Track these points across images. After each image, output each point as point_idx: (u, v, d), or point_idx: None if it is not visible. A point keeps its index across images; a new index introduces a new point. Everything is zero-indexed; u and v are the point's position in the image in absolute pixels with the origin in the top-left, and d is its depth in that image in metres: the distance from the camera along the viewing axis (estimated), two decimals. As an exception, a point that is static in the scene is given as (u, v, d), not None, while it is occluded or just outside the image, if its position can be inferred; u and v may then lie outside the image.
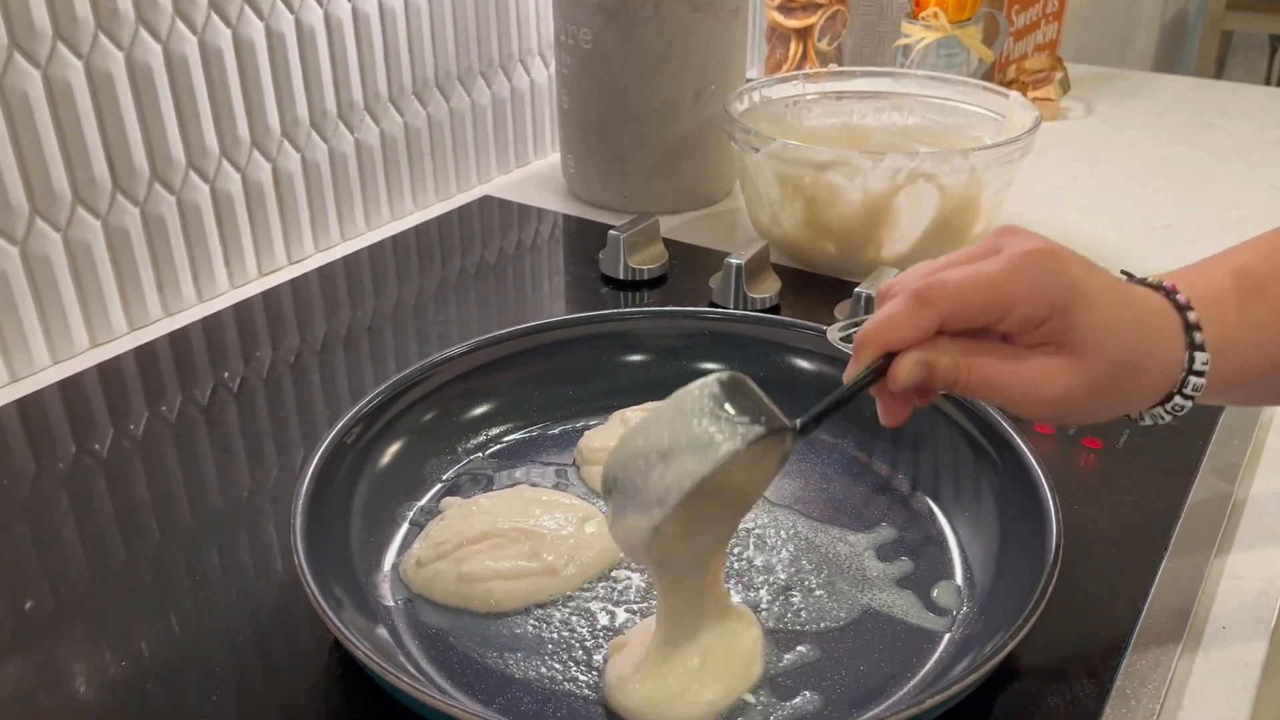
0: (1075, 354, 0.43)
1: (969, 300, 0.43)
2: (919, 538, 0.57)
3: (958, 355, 0.44)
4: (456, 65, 1.00)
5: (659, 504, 0.42)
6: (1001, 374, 0.44)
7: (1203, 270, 0.49)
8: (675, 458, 0.42)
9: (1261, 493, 0.62)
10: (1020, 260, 0.43)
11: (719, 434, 0.42)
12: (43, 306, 0.74)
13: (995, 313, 0.43)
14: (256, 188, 0.86)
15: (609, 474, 0.44)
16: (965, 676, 0.44)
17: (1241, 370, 0.47)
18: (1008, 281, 0.43)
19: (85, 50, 0.72)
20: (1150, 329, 0.45)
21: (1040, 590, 0.47)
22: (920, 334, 0.43)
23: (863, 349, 0.45)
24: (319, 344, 0.79)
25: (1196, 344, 0.45)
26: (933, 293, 0.43)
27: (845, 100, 0.98)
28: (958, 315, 0.43)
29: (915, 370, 0.43)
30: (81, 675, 0.50)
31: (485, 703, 0.48)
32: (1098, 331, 0.43)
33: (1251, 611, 0.54)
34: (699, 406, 0.42)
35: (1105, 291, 0.44)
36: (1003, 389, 0.44)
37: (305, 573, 0.48)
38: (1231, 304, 0.47)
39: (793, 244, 0.87)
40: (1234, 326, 0.46)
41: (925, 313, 0.43)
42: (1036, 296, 0.43)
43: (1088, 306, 0.43)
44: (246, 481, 0.64)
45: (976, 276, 0.43)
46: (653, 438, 0.43)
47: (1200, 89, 1.38)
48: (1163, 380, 0.46)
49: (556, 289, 0.89)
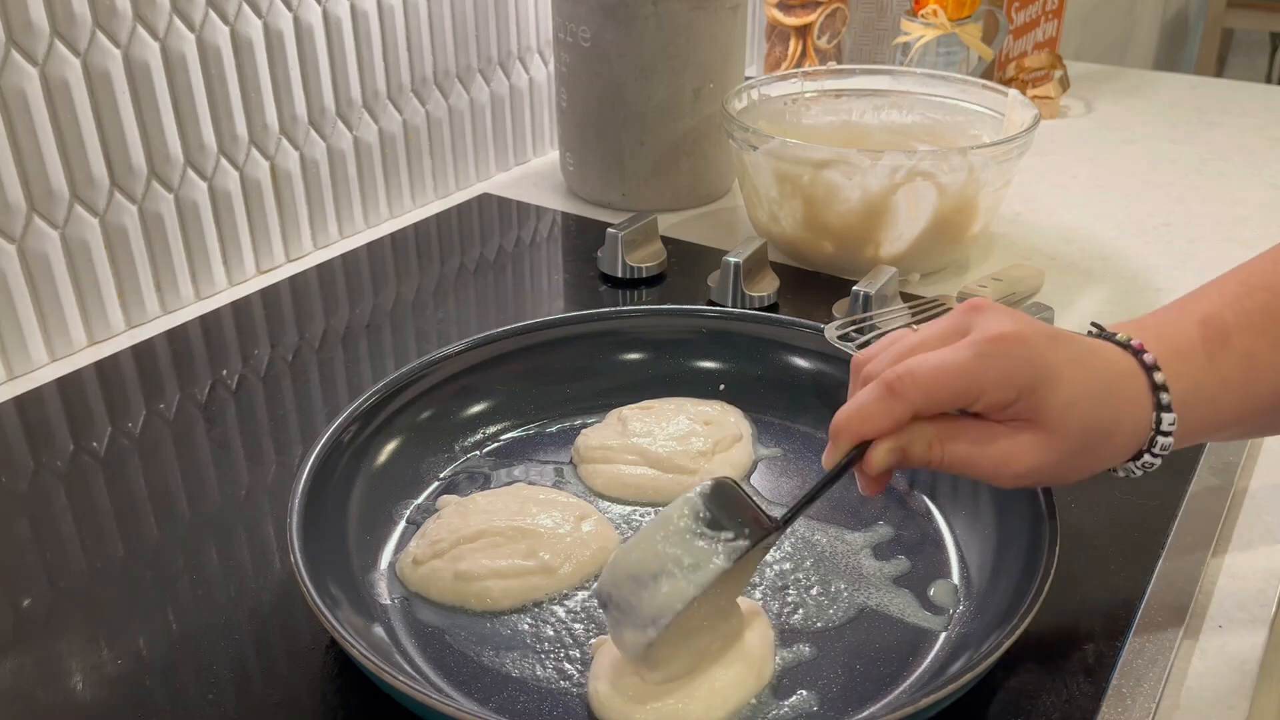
0: (1044, 430, 0.45)
1: (939, 391, 0.45)
2: (916, 536, 0.57)
3: (931, 439, 0.46)
4: (455, 63, 0.99)
5: (653, 623, 0.44)
6: (972, 455, 0.46)
7: (1170, 320, 0.49)
8: (665, 579, 0.45)
9: (1259, 491, 0.62)
10: (986, 348, 0.45)
11: (705, 553, 0.45)
12: (41, 304, 0.74)
13: (964, 400, 0.45)
14: (255, 186, 0.86)
15: (603, 591, 0.47)
16: (961, 675, 0.44)
17: (1208, 422, 0.48)
18: (974, 371, 0.45)
19: (83, 48, 0.72)
20: (1118, 397, 0.46)
21: (1036, 589, 0.47)
22: (893, 424, 0.46)
23: (839, 437, 0.47)
24: (317, 342, 0.79)
25: (1163, 404, 0.47)
26: (904, 386, 0.45)
27: (844, 98, 0.97)
28: (929, 405, 0.45)
29: (889, 457, 0.46)
30: (80, 672, 0.50)
31: (481, 701, 0.48)
32: (1065, 409, 0.45)
33: (1249, 609, 0.54)
34: (685, 525, 0.45)
35: (1072, 367, 0.45)
36: (974, 466, 0.46)
37: (301, 571, 0.48)
38: (1199, 358, 0.48)
39: (791, 242, 0.87)
40: (1202, 382, 0.47)
41: (897, 405, 0.45)
42: (1003, 383, 0.44)
43: (1054, 387, 0.45)
44: (244, 479, 0.64)
45: (944, 367, 0.45)
46: (644, 558, 0.45)
47: (1200, 87, 1.38)
48: (1132, 440, 0.47)
49: (555, 287, 0.89)
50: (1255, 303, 0.49)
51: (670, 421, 0.63)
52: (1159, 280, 0.87)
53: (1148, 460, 0.48)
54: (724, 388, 0.68)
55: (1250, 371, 0.48)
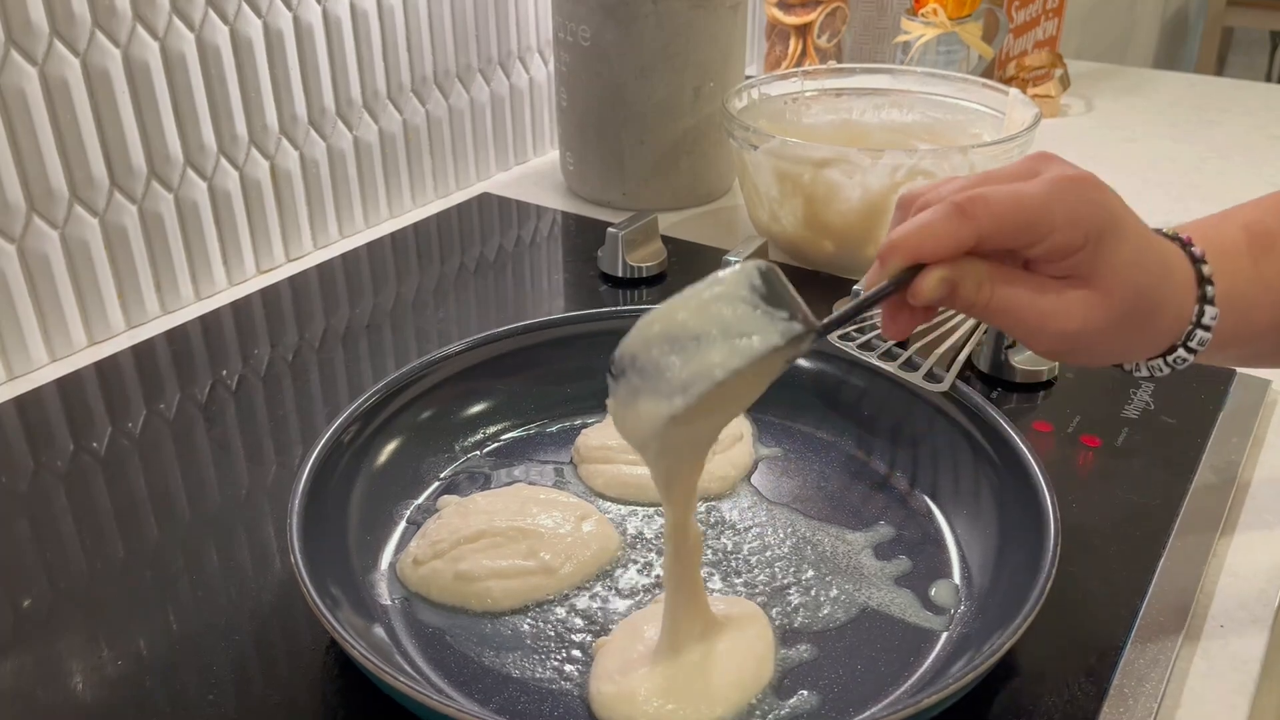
0: (1098, 289, 0.43)
1: (1009, 220, 0.42)
2: (917, 536, 0.57)
3: (983, 278, 0.42)
4: (455, 63, 0.99)
5: (681, 392, 0.39)
6: (1022, 301, 0.43)
7: (1215, 224, 0.48)
8: (706, 345, 0.39)
9: (1260, 490, 0.62)
10: (1064, 184, 0.42)
11: (757, 326, 0.39)
12: (40, 304, 0.74)
13: (1033, 235, 0.42)
14: (255, 185, 0.85)
15: (626, 352, 0.40)
16: (963, 675, 0.44)
17: (1245, 326, 0.47)
18: (1050, 205, 0.42)
19: (82, 48, 0.72)
20: (1169, 275, 0.45)
21: (1038, 589, 0.47)
22: (956, 248, 0.42)
23: (892, 255, 0.43)
24: (318, 342, 0.79)
25: (1208, 298, 0.45)
26: (975, 207, 0.41)
27: (844, 97, 0.97)
28: (996, 234, 0.42)
29: (940, 287, 0.42)
30: (80, 672, 0.50)
31: (482, 702, 0.48)
32: (1123, 269, 0.43)
33: (1250, 609, 0.54)
34: (735, 294, 0.39)
35: (1135, 228, 0.44)
36: (1020, 316, 0.43)
37: (302, 572, 0.48)
38: (1243, 259, 0.46)
39: (792, 241, 0.87)
40: (1243, 282, 0.46)
41: (965, 227, 0.42)
42: (1074, 222, 0.42)
43: (1120, 241, 0.43)
44: (245, 479, 0.64)
45: (1019, 197, 0.42)
46: (682, 321, 0.39)
47: (1200, 86, 1.38)
48: (1173, 328, 0.46)
49: (555, 287, 0.89)
50: None
51: (671, 421, 0.63)
52: (1160, 279, 0.87)
53: (1180, 355, 0.46)
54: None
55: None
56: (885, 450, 0.63)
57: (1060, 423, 0.66)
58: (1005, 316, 0.43)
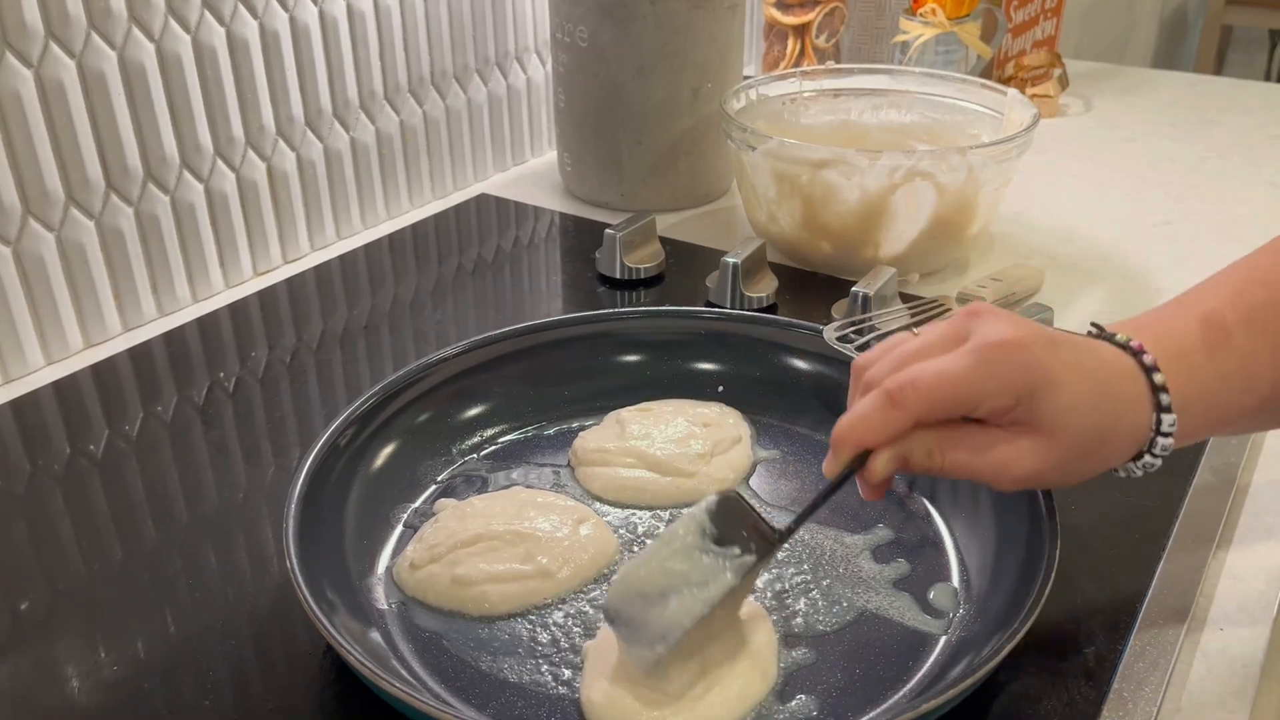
0: (1043, 435, 0.45)
1: (939, 400, 0.45)
2: (916, 539, 0.57)
3: (931, 446, 0.46)
4: (453, 63, 0.99)
5: (662, 640, 0.45)
6: (973, 461, 0.46)
7: (1170, 319, 0.49)
8: (673, 596, 0.45)
9: (1260, 492, 0.62)
10: (986, 355, 0.45)
11: (713, 570, 0.46)
12: (36, 307, 0.74)
13: (965, 408, 0.46)
14: (251, 187, 0.85)
15: (611, 608, 0.47)
16: (962, 679, 0.43)
17: (1210, 421, 0.48)
18: (975, 379, 0.45)
19: (78, 49, 0.71)
20: (1118, 397, 0.46)
21: (1037, 592, 0.47)
22: (894, 434, 0.46)
23: (840, 447, 0.47)
24: (315, 343, 0.78)
25: (1163, 405, 0.47)
26: (905, 395, 0.45)
27: (842, 98, 0.97)
28: (930, 414, 0.46)
29: (890, 465, 0.46)
30: (77, 675, 0.50)
31: (479, 707, 0.47)
32: (1063, 414, 0.45)
33: (1250, 612, 0.54)
34: (691, 542, 0.46)
35: (1070, 371, 0.45)
36: (975, 470, 0.47)
37: (297, 577, 0.47)
38: (1199, 357, 0.48)
39: (790, 243, 0.87)
40: (1202, 380, 0.47)
41: (899, 415, 0.46)
42: (1003, 390, 0.45)
43: (1052, 393, 0.45)
44: (243, 482, 0.64)
45: (945, 376, 0.45)
46: (651, 575, 0.46)
47: (1200, 85, 1.38)
48: (1132, 441, 0.47)
49: (553, 288, 0.89)
50: (1255, 299, 0.49)
51: (668, 424, 0.63)
52: (1159, 279, 0.87)
53: (1148, 461, 0.48)
54: (723, 389, 0.68)
55: (1251, 368, 0.48)
56: (884, 452, 0.63)
57: (1059, 424, 0.66)
58: (961, 473, 0.47)
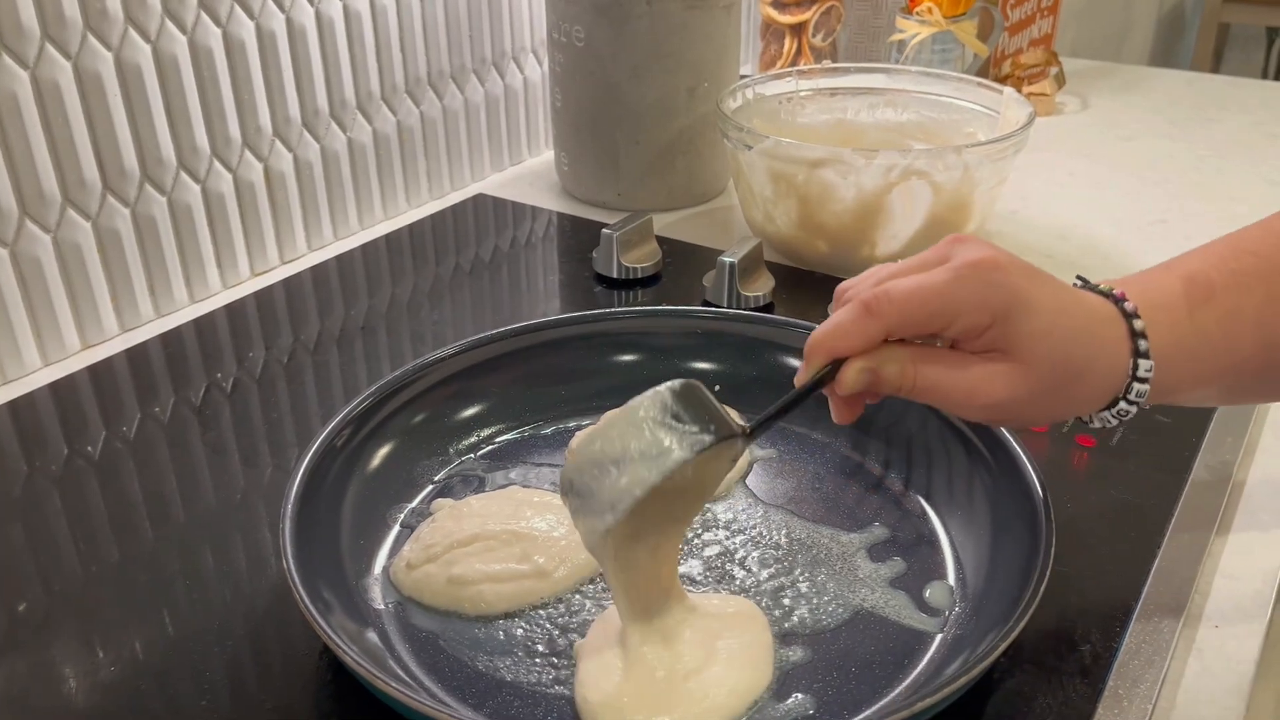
0: (1017, 361, 0.45)
1: (914, 311, 0.45)
2: (911, 537, 0.57)
3: (904, 362, 0.46)
4: (449, 63, 0.99)
5: (611, 509, 0.44)
6: (944, 380, 0.46)
7: (1155, 276, 0.49)
8: (628, 465, 0.44)
9: (1255, 490, 0.62)
10: (964, 271, 0.45)
11: (669, 443, 0.44)
12: (33, 308, 0.74)
13: (939, 322, 0.45)
14: (248, 188, 0.85)
15: (566, 477, 0.46)
16: (957, 678, 0.43)
17: (1189, 376, 0.48)
18: (950, 293, 0.44)
19: (74, 50, 0.71)
20: (1095, 336, 0.46)
21: (1032, 590, 0.47)
22: (866, 343, 0.46)
23: (812, 355, 0.47)
24: (312, 344, 0.79)
25: (1140, 351, 0.46)
26: (879, 304, 0.45)
27: (839, 97, 0.97)
28: (903, 325, 0.45)
29: (860, 377, 0.46)
30: (74, 676, 0.50)
31: (475, 707, 0.47)
32: (1038, 339, 0.45)
33: (1246, 610, 0.54)
34: (651, 415, 0.45)
35: (1048, 299, 0.45)
36: (945, 394, 0.46)
37: (294, 577, 0.47)
38: (1180, 311, 0.47)
39: (786, 242, 0.87)
40: (1182, 335, 0.47)
41: (872, 323, 0.45)
42: (978, 306, 0.44)
43: (1028, 315, 0.45)
44: (240, 483, 0.64)
45: (920, 288, 0.45)
46: (607, 445, 0.45)
47: (1197, 83, 1.38)
48: (1107, 385, 0.47)
49: (551, 288, 0.89)
50: (1241, 264, 0.48)
51: (665, 423, 0.63)
52: (1155, 278, 0.87)
53: (1123, 408, 0.47)
54: (719, 389, 0.67)
55: (1232, 327, 0.47)
56: (880, 451, 0.63)
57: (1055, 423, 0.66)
58: (931, 394, 0.46)
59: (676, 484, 0.45)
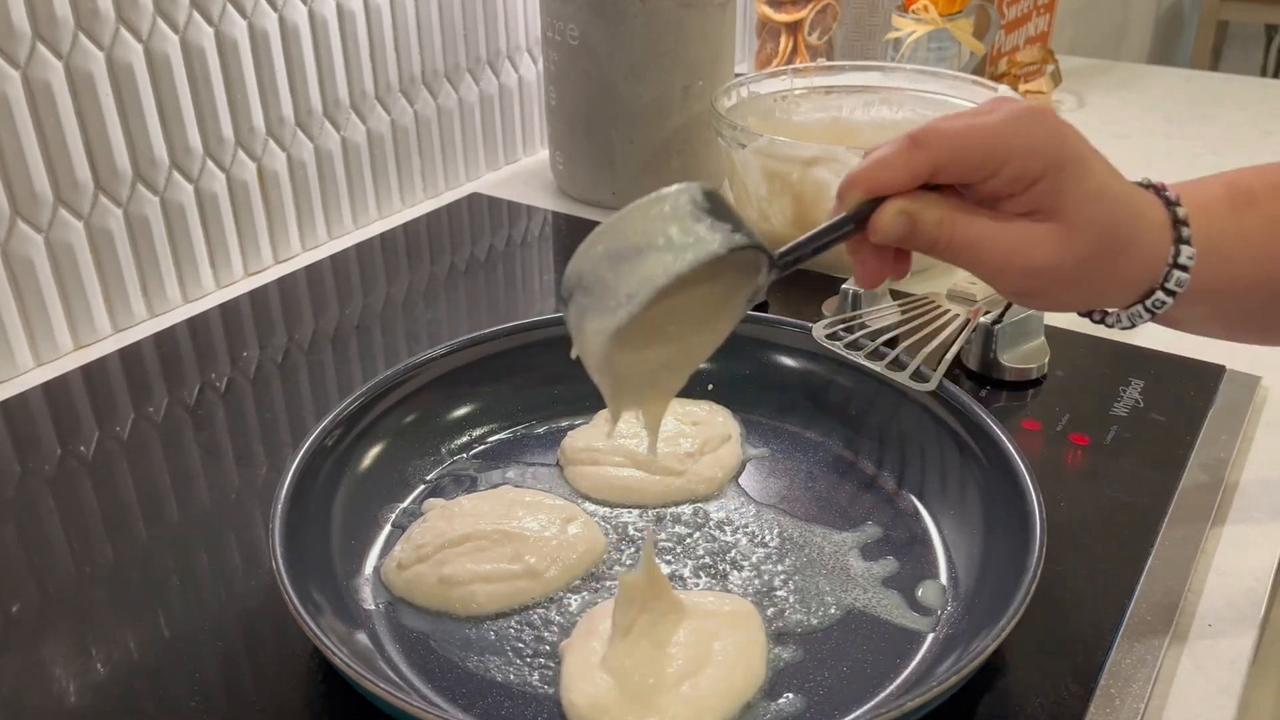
0: (1063, 222, 0.42)
1: (965, 148, 0.41)
2: (904, 537, 0.57)
3: (945, 209, 0.42)
4: (444, 62, 0.99)
5: (626, 302, 0.38)
6: (986, 234, 0.42)
7: (1196, 182, 0.48)
8: (650, 254, 0.38)
9: (1249, 488, 0.62)
10: (1021, 114, 0.42)
11: (700, 235, 0.39)
12: (25, 308, 0.74)
13: (990, 165, 0.41)
14: (241, 187, 0.85)
15: (572, 272, 0.40)
16: (949, 677, 0.43)
17: (1224, 277, 0.46)
18: (1006, 133, 0.41)
19: (65, 50, 0.71)
20: (1141, 213, 0.44)
21: (1024, 589, 0.47)
22: (910, 176, 0.42)
23: (849, 191, 0.43)
24: (307, 343, 0.78)
25: (1183, 238, 0.44)
26: (929, 136, 0.41)
27: (834, 95, 0.97)
28: (952, 163, 0.42)
29: (897, 220, 0.42)
30: (67, 677, 0.50)
31: (465, 708, 0.47)
32: (1089, 201, 0.42)
33: (1238, 609, 0.54)
34: (678, 209, 0.39)
35: (1100, 164, 0.43)
36: (985, 251, 0.42)
37: (283, 578, 0.47)
38: (1222, 209, 0.46)
39: (781, 240, 0.86)
40: (1222, 231, 0.45)
41: (919, 155, 0.41)
42: (1033, 152, 0.41)
43: (1082, 172, 0.42)
44: (234, 482, 0.64)
45: (973, 126, 0.42)
46: (625, 236, 0.39)
47: (1194, 81, 1.38)
48: (1146, 271, 0.45)
49: (546, 287, 0.89)
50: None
51: (658, 422, 0.63)
52: (1151, 276, 0.87)
53: (1159, 298, 0.45)
54: (712, 388, 0.68)
55: (1273, 231, 0.46)
56: (873, 450, 0.63)
57: (1049, 421, 0.66)
58: (969, 252, 0.42)
59: (693, 300, 0.40)
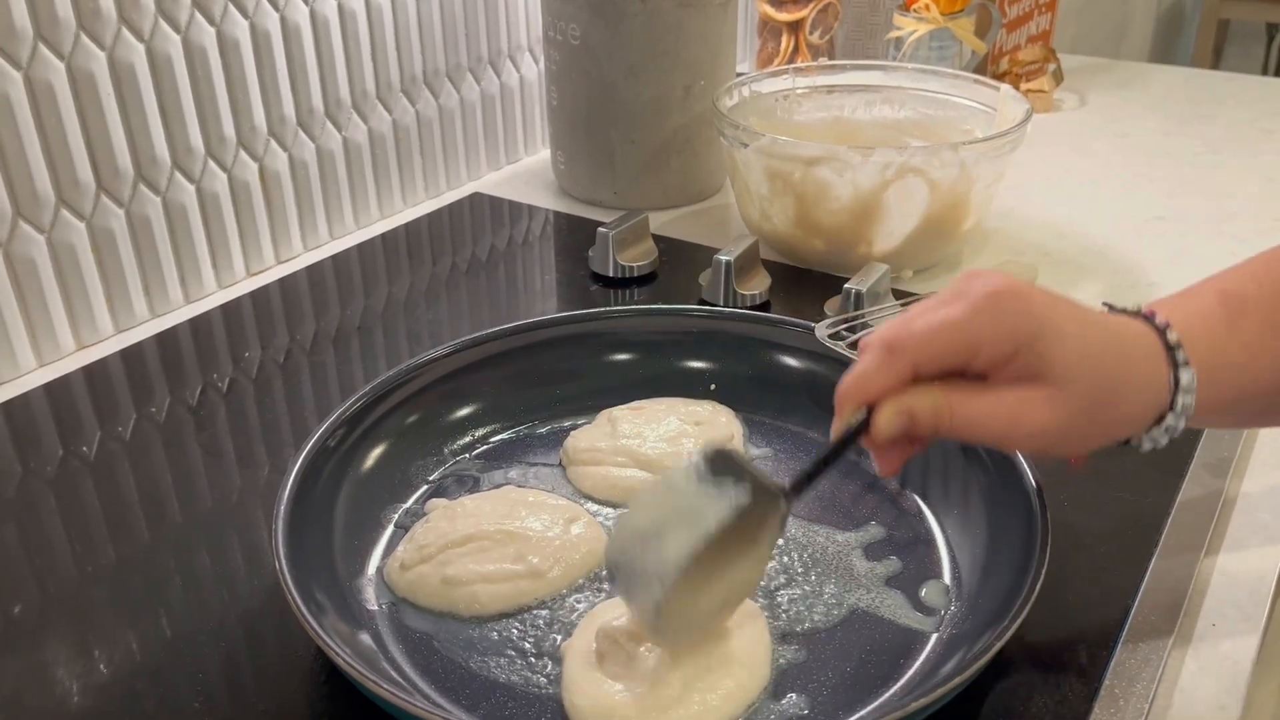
0: (1051, 385, 0.44)
1: (935, 344, 0.44)
2: (907, 537, 0.57)
3: (938, 399, 0.45)
4: (445, 62, 0.99)
5: (659, 582, 0.43)
6: (983, 410, 0.45)
7: (1187, 294, 0.49)
8: (668, 535, 0.44)
9: (1252, 489, 0.62)
10: (981, 302, 0.44)
11: (707, 506, 0.44)
12: (28, 309, 0.74)
13: (963, 354, 0.44)
14: (243, 187, 0.85)
15: (610, 561, 0.46)
16: (953, 677, 0.43)
17: (1236, 389, 0.47)
18: (972, 325, 0.44)
19: (67, 51, 0.71)
20: (1126, 352, 0.46)
21: (1028, 589, 0.47)
22: (894, 381, 0.45)
23: (843, 404, 0.46)
24: (308, 344, 0.78)
25: (1180, 362, 0.46)
26: (900, 342, 0.44)
27: (836, 94, 0.97)
28: (929, 361, 0.44)
29: (894, 419, 0.45)
30: (69, 678, 0.50)
31: (468, 709, 0.47)
32: (1070, 361, 0.44)
33: (1242, 609, 0.54)
34: (685, 485, 0.45)
35: (1072, 322, 0.45)
36: (986, 425, 0.45)
37: (286, 578, 0.47)
38: (1218, 325, 0.47)
39: (783, 240, 0.87)
40: (1224, 348, 0.47)
41: (895, 361, 0.44)
42: (1001, 336, 0.44)
43: (1055, 339, 0.44)
44: (236, 483, 0.64)
45: (939, 322, 0.44)
46: (645, 520, 0.45)
47: (1195, 79, 1.38)
48: (1149, 401, 0.46)
49: (547, 286, 0.89)
50: (1275, 278, 0.48)
51: (660, 422, 0.63)
52: (1153, 275, 0.87)
53: (1169, 423, 0.46)
54: (715, 388, 0.68)
55: (1276, 339, 0.47)
56: (876, 450, 0.63)
57: (1052, 421, 0.66)
58: (971, 430, 0.45)
59: (724, 552, 0.44)
